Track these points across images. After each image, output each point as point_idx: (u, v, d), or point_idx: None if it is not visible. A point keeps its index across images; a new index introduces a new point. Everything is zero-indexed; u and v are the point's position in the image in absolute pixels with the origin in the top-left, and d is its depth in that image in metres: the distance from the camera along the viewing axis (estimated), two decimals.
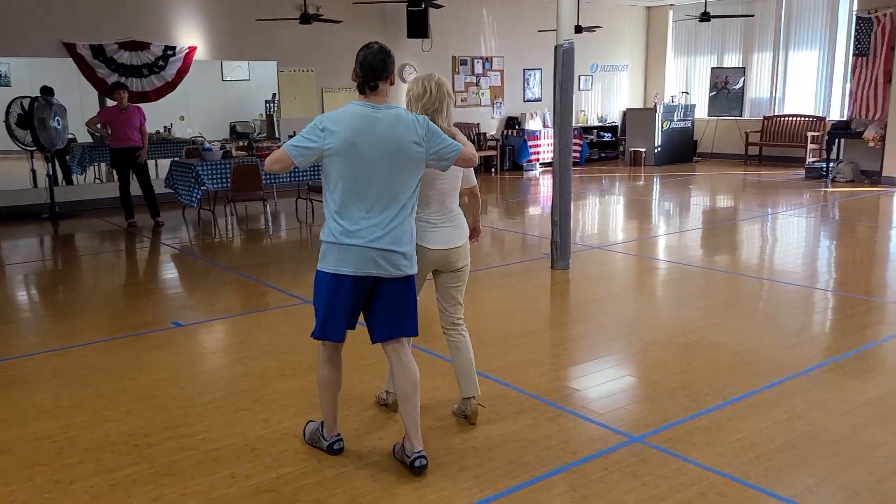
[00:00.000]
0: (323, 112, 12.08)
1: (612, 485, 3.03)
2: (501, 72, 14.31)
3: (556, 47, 6.30)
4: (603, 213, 10.42)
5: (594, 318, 5.44)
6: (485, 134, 14.08)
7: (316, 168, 9.32)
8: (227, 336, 5.26)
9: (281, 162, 3.04)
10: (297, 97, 11.92)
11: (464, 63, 13.75)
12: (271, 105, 12.71)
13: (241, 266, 7.27)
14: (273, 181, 9.19)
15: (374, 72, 3.03)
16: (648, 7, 16.13)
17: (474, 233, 3.72)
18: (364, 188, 3.00)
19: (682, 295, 6.11)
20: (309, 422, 3.55)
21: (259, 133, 12.40)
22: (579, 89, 15.38)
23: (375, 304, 3.16)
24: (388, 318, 3.17)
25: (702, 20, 12.30)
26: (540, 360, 4.55)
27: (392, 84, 3.11)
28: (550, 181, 6.85)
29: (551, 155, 13.92)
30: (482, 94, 14.14)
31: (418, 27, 12.26)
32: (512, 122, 14.39)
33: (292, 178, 9.39)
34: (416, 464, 3.10)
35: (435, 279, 3.59)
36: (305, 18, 10.53)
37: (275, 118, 12.32)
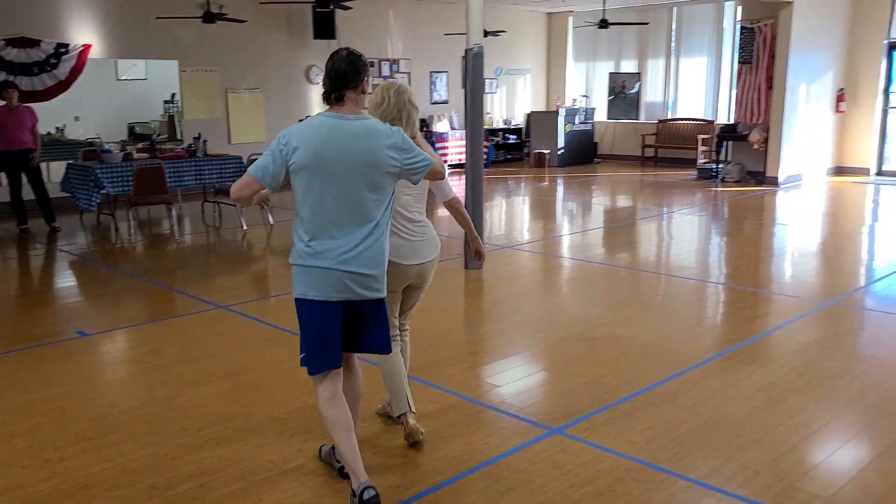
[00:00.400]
0: (228, 114, 11.87)
1: (535, 476, 3.15)
2: (409, 74, 14.40)
3: (466, 51, 6.44)
4: (510, 214, 10.66)
5: (508, 317, 5.59)
6: None
7: (224, 169, 9.23)
8: (138, 344, 5.10)
9: (248, 187, 2.76)
10: (201, 98, 11.60)
11: (371, 65, 13.74)
12: (171, 105, 12.33)
13: (147, 271, 7.04)
14: (177, 185, 8.94)
15: (341, 79, 2.79)
16: (549, 13, 16.60)
17: (478, 255, 3.59)
18: (333, 205, 2.75)
19: (588, 292, 6.36)
20: (322, 445, 3.29)
21: (160, 135, 12.00)
22: (485, 92, 15.63)
23: (347, 319, 2.91)
24: (358, 333, 2.95)
25: (600, 27, 12.77)
26: (458, 358, 4.65)
27: (364, 93, 2.86)
28: (459, 182, 6.98)
29: (459, 156, 14.17)
30: None
31: (325, 28, 12.18)
32: (419, 124, 14.48)
33: (198, 181, 9.15)
34: (365, 496, 2.76)
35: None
36: (209, 17, 10.27)
37: (176, 119, 11.96)
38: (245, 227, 8.91)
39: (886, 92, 13.09)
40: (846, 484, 3.06)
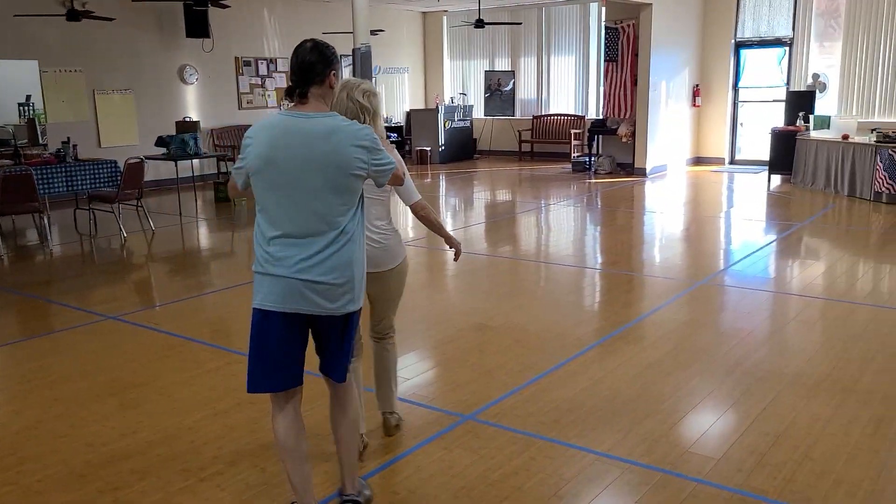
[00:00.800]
0: (96, 116, 11.29)
1: (453, 461, 3.29)
2: (287, 73, 14.19)
3: (353, 50, 6.49)
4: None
5: (407, 312, 5.70)
6: None
7: (98, 174, 8.78)
8: (23, 362, 4.82)
9: (232, 187, 2.73)
10: (65, 100, 10.97)
11: (248, 64, 13.45)
12: (26, 108, 11.56)
13: (19, 285, 6.64)
14: (46, 192, 8.44)
15: (305, 73, 2.56)
16: (424, 12, 16.83)
17: (457, 255, 3.54)
18: (292, 210, 2.53)
19: (478, 284, 6.57)
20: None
21: (19, 139, 11.24)
22: None
23: (315, 336, 2.72)
24: (324, 355, 2.75)
25: (476, 27, 13.10)
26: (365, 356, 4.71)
27: (332, 87, 2.62)
28: None
29: None
30: (268, 95, 13.93)
31: (198, 27, 11.81)
32: None
33: (69, 188, 8.67)
34: None
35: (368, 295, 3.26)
36: (73, 15, 9.74)
37: (36, 122, 11.24)
38: (125, 235, 8.54)
39: (735, 87, 14.20)
40: (732, 446, 3.39)
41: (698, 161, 14.47)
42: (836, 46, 13.10)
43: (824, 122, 11.60)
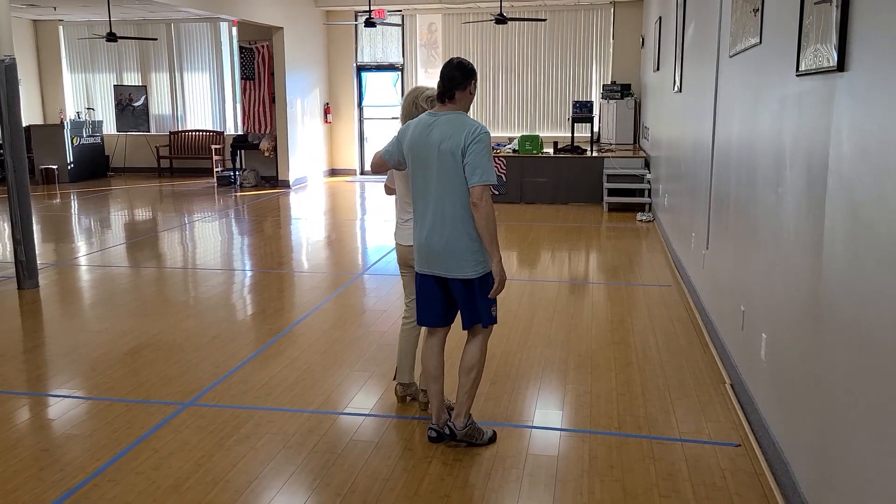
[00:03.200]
0: None
1: (187, 440, 3.69)
2: None
3: None
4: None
5: (75, 335, 5.70)
6: None
7: None
8: None
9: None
10: None
11: None
12: None
13: None
14: None
15: (444, 83, 3.46)
16: (35, 20, 15.51)
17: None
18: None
19: (139, 303, 6.72)
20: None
21: None
22: None
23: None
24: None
25: (108, 40, 12.62)
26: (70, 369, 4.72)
27: (471, 94, 3.50)
28: None
29: None
30: None
31: None
32: None
33: None
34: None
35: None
36: None
37: None
38: None
39: (360, 106, 15.83)
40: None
41: (333, 172, 15.79)
42: (437, 72, 15.40)
43: None
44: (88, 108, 15.72)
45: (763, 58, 3.79)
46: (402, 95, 15.44)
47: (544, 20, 13.79)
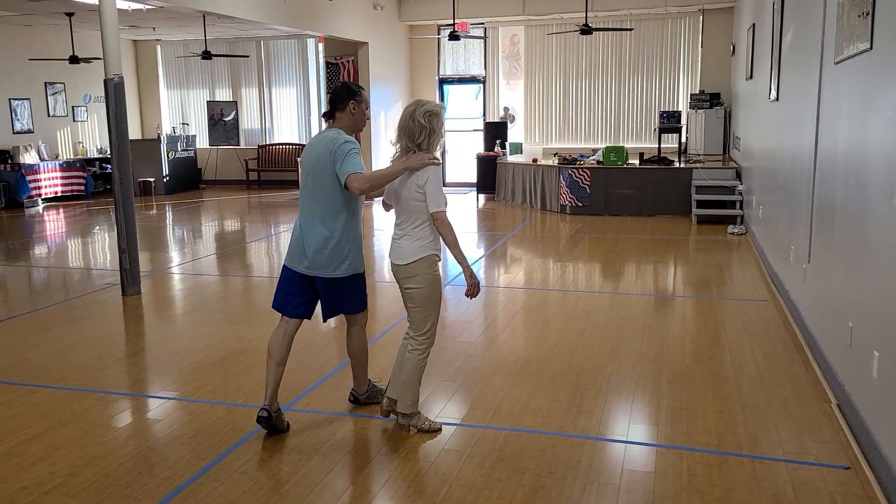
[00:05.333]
0: None
1: (285, 443, 3.79)
2: None
3: (105, 81, 6.51)
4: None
5: (173, 339, 5.92)
6: None
7: None
8: None
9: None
10: None
11: None
12: None
13: None
14: None
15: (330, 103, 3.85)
16: (136, 41, 16.33)
17: (469, 288, 3.83)
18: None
19: (246, 311, 6.94)
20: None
21: None
22: (74, 120, 14.85)
23: None
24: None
25: (203, 58, 13.15)
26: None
27: (352, 113, 3.80)
28: (59, 217, 6.94)
29: (56, 189, 13.23)
30: None
31: None
32: (3, 156, 13.12)
33: None
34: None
35: None
36: None
37: None
38: None
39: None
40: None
41: None
42: (519, 84, 15.43)
43: (517, 148, 13.66)
44: (183, 124, 16.42)
45: (874, 64, 3.63)
46: (484, 108, 15.54)
47: (631, 30, 13.60)
